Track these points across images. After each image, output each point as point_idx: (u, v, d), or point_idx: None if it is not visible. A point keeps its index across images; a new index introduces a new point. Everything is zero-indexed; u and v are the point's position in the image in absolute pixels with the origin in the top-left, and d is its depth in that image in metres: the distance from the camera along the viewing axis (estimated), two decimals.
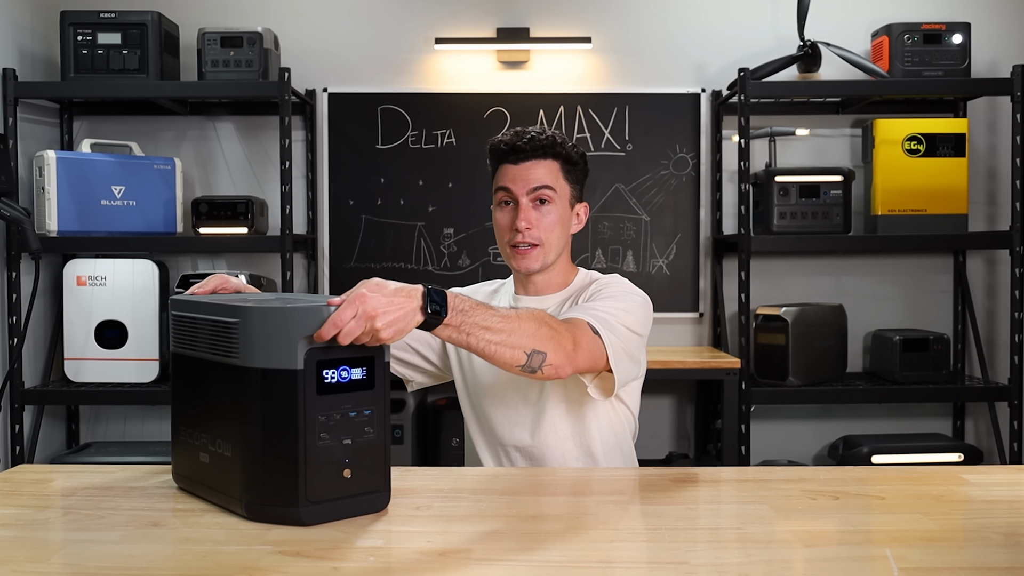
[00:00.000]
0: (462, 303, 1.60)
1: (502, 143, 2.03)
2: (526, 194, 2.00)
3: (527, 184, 2.00)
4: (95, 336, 3.63)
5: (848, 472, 1.87)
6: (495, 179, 2.07)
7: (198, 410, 1.61)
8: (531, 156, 2.01)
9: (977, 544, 1.40)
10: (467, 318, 1.61)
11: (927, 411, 4.05)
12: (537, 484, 1.78)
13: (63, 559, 1.34)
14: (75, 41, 3.62)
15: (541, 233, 2.00)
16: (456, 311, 1.58)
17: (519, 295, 2.12)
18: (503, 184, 2.03)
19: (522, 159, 2.01)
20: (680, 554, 1.35)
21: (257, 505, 1.47)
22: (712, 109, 4.01)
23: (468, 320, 1.61)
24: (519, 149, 2.01)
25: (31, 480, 1.80)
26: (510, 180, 2.02)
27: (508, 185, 2.02)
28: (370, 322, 1.44)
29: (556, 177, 2.02)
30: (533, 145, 2.00)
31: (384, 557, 1.33)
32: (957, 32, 3.67)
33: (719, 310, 3.98)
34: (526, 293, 2.11)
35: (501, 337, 1.65)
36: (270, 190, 3.97)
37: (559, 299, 2.09)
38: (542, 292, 2.09)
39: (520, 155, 2.01)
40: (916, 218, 3.71)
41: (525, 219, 1.99)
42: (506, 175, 2.03)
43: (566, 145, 2.04)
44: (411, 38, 4.02)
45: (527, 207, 2.00)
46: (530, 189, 2.00)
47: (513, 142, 2.01)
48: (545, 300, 2.08)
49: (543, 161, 2.01)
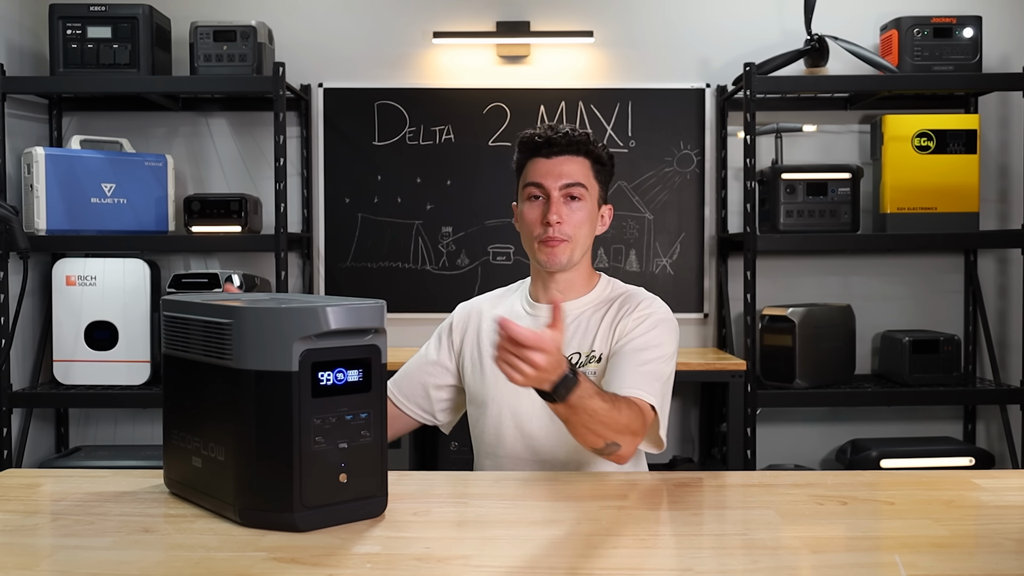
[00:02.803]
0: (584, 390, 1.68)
1: (536, 135, 2.03)
2: (558, 189, 2.00)
3: (560, 179, 2.00)
4: (85, 337, 3.59)
5: (856, 476, 1.86)
6: (524, 173, 2.06)
7: (190, 413, 1.60)
8: (565, 151, 2.01)
9: (989, 551, 1.39)
10: (580, 403, 1.68)
11: (937, 414, 3.99)
12: (538, 489, 1.76)
13: (52, 566, 1.32)
14: (64, 35, 3.56)
15: (571, 229, 2.00)
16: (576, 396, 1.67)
17: (538, 302, 2.08)
18: (535, 179, 2.02)
19: (555, 153, 2.01)
20: (684, 561, 1.35)
21: (251, 510, 1.46)
22: (717, 105, 3.95)
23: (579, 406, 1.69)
24: (554, 143, 2.01)
25: (19, 485, 1.78)
26: (542, 175, 2.01)
27: (540, 180, 2.01)
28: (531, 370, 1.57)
29: (588, 175, 2.03)
30: (568, 140, 2.01)
31: (381, 564, 1.32)
32: (968, 26, 3.62)
33: (724, 310, 3.93)
34: (548, 299, 2.07)
35: (596, 426, 1.73)
36: (264, 188, 3.91)
37: (578, 310, 2.06)
38: (566, 295, 2.06)
39: (554, 149, 2.01)
40: (926, 216, 3.66)
41: (557, 212, 1.98)
42: (538, 169, 2.02)
43: (598, 144, 2.06)
44: (408, 32, 3.96)
45: (559, 201, 1.99)
46: (563, 185, 2.00)
47: (548, 136, 2.01)
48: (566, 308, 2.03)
49: (576, 158, 2.02)
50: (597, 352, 2.01)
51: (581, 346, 2.02)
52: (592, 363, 2.01)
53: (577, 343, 2.03)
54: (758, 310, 3.64)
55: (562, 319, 1.66)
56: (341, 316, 1.47)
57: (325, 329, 1.45)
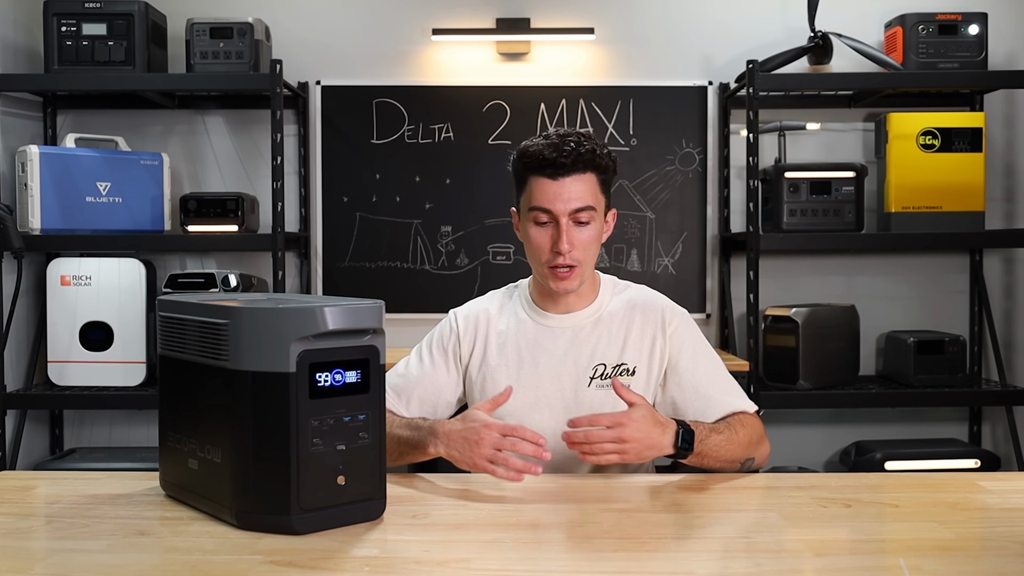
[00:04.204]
0: (701, 434, 1.80)
1: (541, 156, 1.91)
2: (568, 214, 1.91)
3: (569, 204, 1.91)
4: (80, 338, 3.56)
5: (860, 479, 1.86)
6: (529, 192, 1.96)
7: (186, 415, 1.59)
8: (572, 171, 1.91)
9: (994, 554, 1.38)
10: (704, 447, 1.80)
11: (942, 416, 3.96)
12: (539, 491, 1.74)
13: (46, 569, 1.32)
14: (59, 32, 3.54)
15: (581, 254, 1.94)
16: (698, 443, 1.79)
17: (545, 311, 2.05)
18: (541, 204, 1.92)
19: (562, 174, 1.91)
20: (687, 564, 1.33)
21: (248, 513, 1.46)
22: (719, 102, 3.91)
23: (704, 450, 1.81)
24: (560, 165, 1.90)
25: (13, 487, 1.77)
26: (550, 199, 1.91)
27: (548, 206, 1.92)
28: (622, 446, 1.65)
29: (595, 192, 1.95)
30: (575, 159, 1.90)
31: (379, 567, 1.32)
32: (973, 23, 3.58)
33: (727, 311, 3.89)
34: (555, 310, 2.04)
35: (725, 456, 1.85)
36: (261, 187, 3.88)
37: (591, 317, 2.03)
38: (573, 308, 2.03)
39: (560, 171, 1.90)
40: (931, 215, 3.62)
41: (568, 241, 1.91)
42: (544, 193, 1.92)
43: (603, 153, 1.95)
44: (407, 29, 3.93)
45: (568, 227, 1.92)
46: (572, 210, 1.92)
47: (554, 158, 1.90)
48: (578, 317, 2.03)
49: (583, 175, 1.92)
50: (630, 365, 1.98)
51: (607, 356, 1.99)
52: (625, 375, 1.97)
53: (602, 353, 1.99)
54: (761, 310, 3.60)
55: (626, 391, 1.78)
56: (339, 316, 1.46)
57: (323, 330, 1.45)
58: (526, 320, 2.04)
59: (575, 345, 2.00)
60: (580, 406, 1.95)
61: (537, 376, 1.99)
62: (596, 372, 1.98)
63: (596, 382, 1.97)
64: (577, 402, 1.96)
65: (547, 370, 1.99)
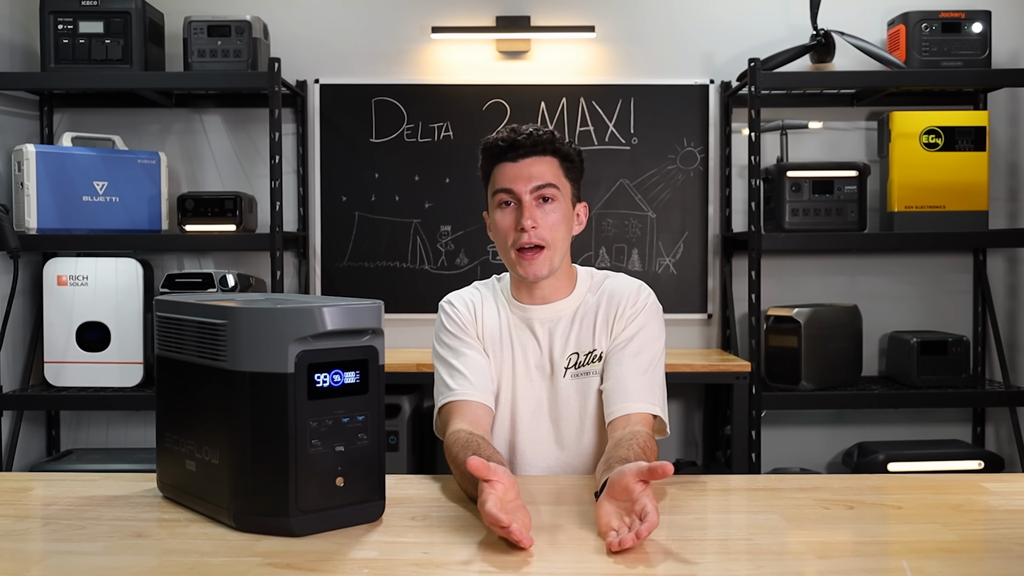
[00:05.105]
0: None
1: (499, 140, 1.96)
2: (529, 192, 1.94)
3: (529, 182, 1.94)
4: (76, 338, 3.55)
5: (863, 480, 1.86)
6: (492, 180, 1.99)
7: (184, 416, 1.59)
8: (531, 152, 1.95)
9: (998, 556, 1.38)
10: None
11: (945, 417, 3.94)
12: (539, 493, 1.74)
13: (43, 571, 1.32)
14: (55, 30, 3.53)
15: (546, 232, 1.94)
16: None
17: (524, 303, 2.04)
18: (503, 185, 1.96)
19: (521, 156, 1.95)
20: (688, 566, 1.33)
21: (245, 515, 1.45)
22: (721, 101, 3.90)
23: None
24: (519, 145, 1.94)
25: (9, 489, 1.77)
26: (511, 179, 1.95)
27: (509, 185, 1.95)
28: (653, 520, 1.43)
29: (558, 174, 1.97)
30: (533, 141, 1.94)
31: (379, 569, 1.31)
32: (977, 21, 3.57)
33: (728, 311, 3.87)
34: (532, 302, 2.03)
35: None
36: (259, 186, 3.86)
37: (570, 309, 2.03)
38: (550, 299, 2.03)
39: (519, 151, 1.95)
40: (934, 215, 3.61)
41: (531, 217, 1.92)
42: (505, 174, 1.96)
43: (564, 141, 1.99)
44: (406, 27, 3.91)
45: (531, 205, 1.93)
46: (533, 187, 1.94)
47: (512, 138, 1.95)
48: (557, 308, 2.02)
49: (543, 158, 1.96)
50: (598, 351, 2.00)
51: (580, 346, 2.00)
52: (595, 362, 1.99)
53: (575, 343, 2.00)
54: (763, 310, 3.59)
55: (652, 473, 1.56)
56: (338, 316, 1.46)
57: (321, 330, 1.44)
58: (507, 313, 2.05)
59: (552, 336, 2.01)
60: (556, 397, 1.98)
61: (518, 367, 2.01)
62: (570, 362, 1.99)
63: (571, 371, 1.99)
64: (554, 392, 1.99)
65: (527, 362, 2.01)
